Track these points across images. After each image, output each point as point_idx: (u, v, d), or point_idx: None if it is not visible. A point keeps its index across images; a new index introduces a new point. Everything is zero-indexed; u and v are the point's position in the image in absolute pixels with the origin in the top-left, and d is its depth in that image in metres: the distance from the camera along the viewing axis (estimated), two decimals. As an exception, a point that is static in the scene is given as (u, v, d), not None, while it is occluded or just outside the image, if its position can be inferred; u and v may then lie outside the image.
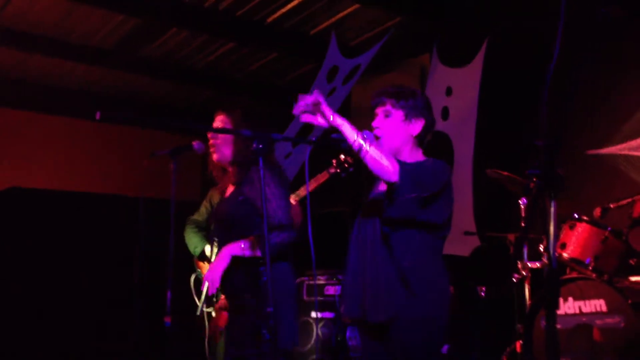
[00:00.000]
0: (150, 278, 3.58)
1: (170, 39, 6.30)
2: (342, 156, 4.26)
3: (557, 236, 3.89)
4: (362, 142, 2.42)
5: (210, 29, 6.04)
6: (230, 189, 3.15)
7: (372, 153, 2.42)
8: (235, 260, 2.89)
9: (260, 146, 2.48)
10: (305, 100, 2.49)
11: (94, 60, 6.60)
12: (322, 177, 4.18)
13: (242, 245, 2.89)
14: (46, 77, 7.10)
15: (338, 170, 4.26)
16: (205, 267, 3.99)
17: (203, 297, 3.21)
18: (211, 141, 3.15)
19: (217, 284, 2.87)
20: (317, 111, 2.49)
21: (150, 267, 3.54)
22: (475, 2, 5.39)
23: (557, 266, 3.94)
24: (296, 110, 2.51)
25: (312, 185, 4.00)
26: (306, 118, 2.53)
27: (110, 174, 7.56)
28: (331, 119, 2.46)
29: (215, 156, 3.15)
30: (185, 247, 3.54)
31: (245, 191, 3.00)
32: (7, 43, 6.15)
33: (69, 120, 7.60)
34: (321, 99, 2.46)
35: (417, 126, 2.71)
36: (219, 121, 3.17)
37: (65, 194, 6.62)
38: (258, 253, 2.90)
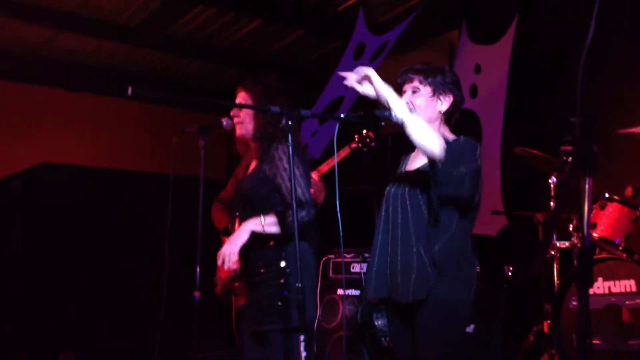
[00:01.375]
0: (180, 254, 3.61)
1: (196, 17, 6.30)
2: (365, 131, 4.25)
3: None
4: (408, 114, 2.40)
5: (237, 6, 6.03)
6: (253, 165, 3.16)
7: (420, 125, 2.42)
8: (254, 237, 2.87)
9: (290, 123, 2.47)
10: (359, 72, 2.50)
11: (121, 38, 6.63)
12: (343, 152, 4.18)
13: (263, 221, 2.87)
14: (73, 55, 7.15)
15: (360, 145, 4.26)
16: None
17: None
18: (235, 119, 3.15)
19: (234, 257, 2.81)
20: (366, 81, 2.50)
21: (179, 243, 3.58)
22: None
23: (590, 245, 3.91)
24: (349, 80, 2.53)
25: (334, 160, 4.00)
26: (352, 85, 2.54)
27: (139, 151, 7.63)
28: (380, 88, 2.46)
29: (238, 131, 3.15)
30: (213, 223, 3.56)
31: (264, 168, 3.01)
32: (35, 20, 6.20)
33: (95, 97, 7.67)
34: (372, 71, 2.48)
35: (446, 103, 2.69)
36: (240, 98, 3.16)
37: (94, 169, 6.68)
38: (276, 230, 2.88)
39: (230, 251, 2.82)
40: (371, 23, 5.80)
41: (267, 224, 2.86)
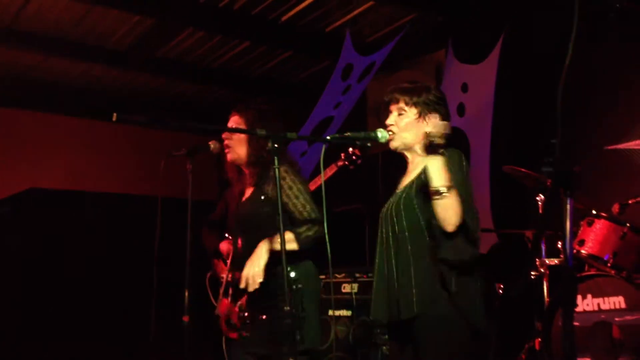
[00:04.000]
0: (168, 277, 3.60)
1: (185, 39, 6.33)
2: (351, 149, 4.27)
3: (575, 233, 3.87)
4: (446, 190, 2.38)
5: (226, 28, 6.06)
6: (250, 190, 3.16)
7: (453, 204, 2.39)
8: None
9: (276, 146, 2.49)
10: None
11: (111, 61, 6.65)
12: (330, 171, 4.19)
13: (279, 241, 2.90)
14: (63, 78, 7.16)
15: (346, 163, 4.27)
16: (220, 264, 4.01)
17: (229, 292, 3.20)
18: (225, 142, 3.16)
19: (260, 278, 2.83)
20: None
21: (167, 266, 3.57)
22: (491, -2, 5.36)
23: (575, 263, 3.92)
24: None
25: (320, 179, 4.01)
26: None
27: (127, 174, 7.61)
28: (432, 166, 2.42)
29: (229, 156, 3.17)
30: (201, 246, 3.56)
31: (265, 190, 3.02)
32: (24, 45, 6.21)
33: (85, 121, 7.66)
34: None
35: (431, 123, 2.70)
36: (232, 122, 3.19)
37: (82, 194, 6.67)
38: (294, 246, 2.93)
39: (254, 273, 2.84)
40: (358, 44, 5.85)
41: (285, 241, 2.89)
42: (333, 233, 2.63)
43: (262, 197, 3.04)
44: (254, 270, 2.86)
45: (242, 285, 2.87)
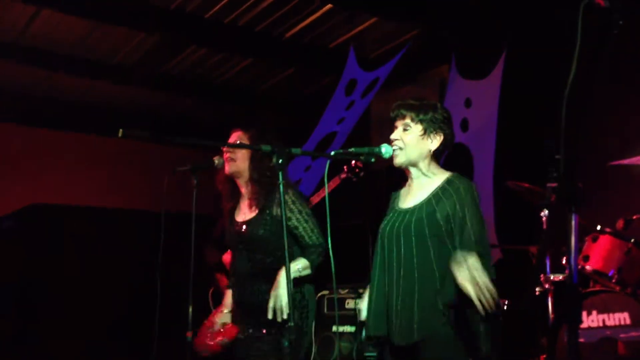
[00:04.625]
0: (171, 293, 3.60)
1: (190, 56, 6.36)
2: (353, 162, 4.27)
3: (579, 249, 3.86)
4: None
5: (230, 45, 6.09)
6: (252, 210, 3.17)
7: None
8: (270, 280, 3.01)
9: (280, 161, 2.50)
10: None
11: (115, 78, 6.68)
12: (333, 183, 4.20)
13: (299, 267, 3.03)
14: (68, 95, 7.19)
15: (349, 175, 4.28)
16: (222, 278, 4.03)
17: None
18: (227, 154, 3.17)
19: (287, 310, 2.88)
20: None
21: (171, 281, 3.57)
22: (493, 14, 5.38)
23: (580, 280, 3.90)
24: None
25: (324, 192, 4.02)
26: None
27: (132, 190, 7.62)
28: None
29: (229, 169, 3.17)
30: (204, 262, 3.56)
31: (275, 212, 3.09)
32: (29, 61, 6.25)
33: (90, 137, 7.68)
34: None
35: (436, 141, 2.70)
36: (235, 137, 3.20)
37: (86, 209, 6.69)
38: (308, 272, 3.09)
39: (282, 305, 2.91)
40: (362, 59, 5.87)
41: (302, 269, 3.04)
42: (337, 248, 2.63)
43: (269, 218, 3.07)
44: (282, 303, 2.92)
45: (270, 316, 2.94)
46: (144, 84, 6.86)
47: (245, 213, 3.22)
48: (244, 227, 3.17)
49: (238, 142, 3.16)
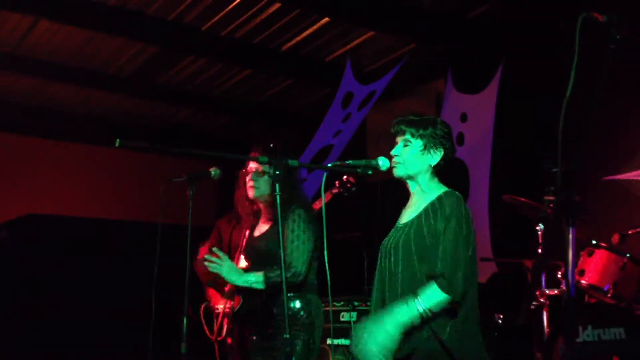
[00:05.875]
0: (166, 304, 3.59)
1: (187, 67, 6.38)
2: (345, 177, 4.26)
3: (575, 263, 3.86)
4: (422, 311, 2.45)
5: (227, 57, 6.12)
6: (266, 225, 3.26)
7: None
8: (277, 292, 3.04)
9: (277, 172, 2.51)
10: None
11: (112, 88, 6.69)
12: (325, 198, 4.19)
13: (251, 280, 3.09)
14: (64, 104, 7.19)
15: (341, 190, 4.28)
16: (215, 295, 4.03)
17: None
18: (251, 182, 3.18)
19: None
20: None
21: (166, 292, 3.56)
22: (490, 28, 5.41)
23: (576, 294, 3.90)
24: None
25: (317, 205, 4.02)
26: None
27: (127, 200, 7.60)
28: None
29: (252, 194, 3.21)
30: (196, 276, 3.57)
31: (283, 229, 3.12)
32: (27, 71, 6.25)
33: (86, 147, 7.68)
34: None
35: (436, 156, 2.71)
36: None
37: (81, 220, 6.67)
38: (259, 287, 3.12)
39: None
40: (359, 73, 5.90)
41: (254, 282, 3.09)
42: (332, 261, 2.62)
43: (277, 235, 3.10)
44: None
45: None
46: (141, 94, 6.87)
47: (260, 228, 3.31)
48: (257, 241, 3.27)
49: (254, 166, 3.24)
